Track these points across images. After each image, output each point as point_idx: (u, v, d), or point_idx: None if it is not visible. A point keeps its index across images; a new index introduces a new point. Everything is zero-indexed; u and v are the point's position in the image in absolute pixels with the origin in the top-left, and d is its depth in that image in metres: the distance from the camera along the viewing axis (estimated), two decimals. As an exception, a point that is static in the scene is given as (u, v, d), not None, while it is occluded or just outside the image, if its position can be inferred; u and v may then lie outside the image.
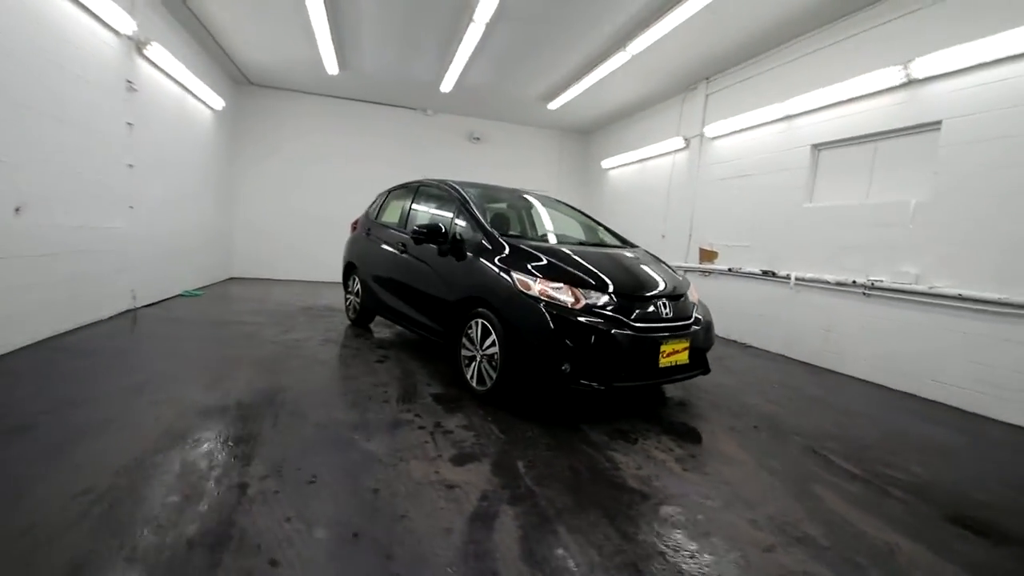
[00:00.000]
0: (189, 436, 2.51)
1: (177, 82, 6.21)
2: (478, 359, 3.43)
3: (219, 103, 7.61)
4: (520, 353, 3.10)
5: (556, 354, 2.97)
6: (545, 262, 3.28)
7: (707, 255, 7.15)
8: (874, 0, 4.83)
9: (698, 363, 3.44)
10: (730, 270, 6.58)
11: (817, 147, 5.58)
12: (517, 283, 3.18)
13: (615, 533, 1.97)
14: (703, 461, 2.73)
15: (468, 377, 3.53)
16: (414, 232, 4.06)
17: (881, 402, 4.16)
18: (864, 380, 4.75)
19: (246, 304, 6.50)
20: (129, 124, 5.05)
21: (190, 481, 2.08)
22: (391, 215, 5.27)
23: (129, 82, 4.98)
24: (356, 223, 5.94)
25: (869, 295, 4.84)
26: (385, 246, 4.91)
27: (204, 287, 7.64)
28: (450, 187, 4.36)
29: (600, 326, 2.99)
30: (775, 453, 2.92)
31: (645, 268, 3.69)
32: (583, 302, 3.06)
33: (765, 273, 6.04)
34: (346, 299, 5.88)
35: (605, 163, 10.05)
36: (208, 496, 1.98)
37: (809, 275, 5.46)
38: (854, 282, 4.95)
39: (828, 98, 5.29)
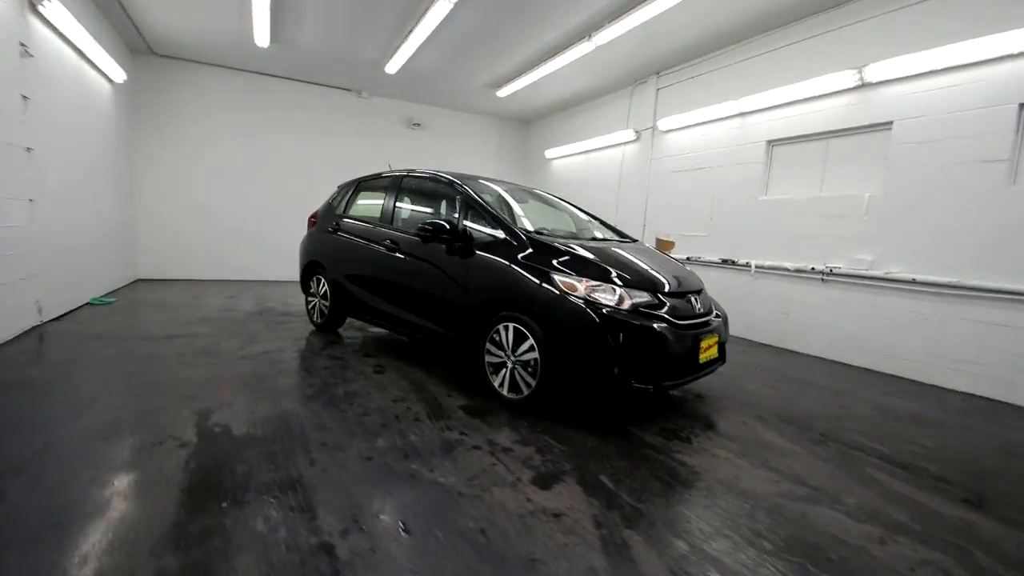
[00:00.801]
0: (220, 493, 2.04)
1: (75, 48, 5.10)
2: (509, 366, 3.21)
3: (119, 75, 6.40)
4: (567, 359, 2.93)
5: (609, 358, 2.85)
6: (584, 261, 3.13)
7: (664, 245, 7.39)
8: (828, 6, 5.20)
9: (722, 355, 3.51)
10: (688, 259, 6.86)
11: (772, 143, 5.95)
12: (561, 285, 3.00)
13: (754, 546, 1.90)
14: (764, 456, 2.77)
15: (496, 385, 3.30)
16: (420, 229, 3.69)
17: (852, 379, 4.56)
18: (827, 359, 5.20)
19: (178, 312, 5.58)
20: (24, 97, 4.03)
21: (264, 558, 1.67)
22: (366, 210, 4.78)
23: (23, 45, 3.96)
24: (315, 217, 5.33)
25: (827, 280, 5.29)
26: (364, 243, 4.44)
27: (113, 293, 6.46)
28: (450, 180, 4.01)
29: (650, 326, 2.91)
30: (812, 439, 3.05)
31: (667, 263, 3.68)
32: (628, 301, 2.96)
33: (724, 261, 6.38)
34: (308, 302, 5.27)
35: (549, 153, 10.03)
36: (297, 573, 1.60)
37: (769, 263, 5.85)
38: (812, 268, 5.38)
39: (783, 97, 5.64)
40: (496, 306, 3.30)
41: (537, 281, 3.09)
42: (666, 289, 3.17)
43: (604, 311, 2.87)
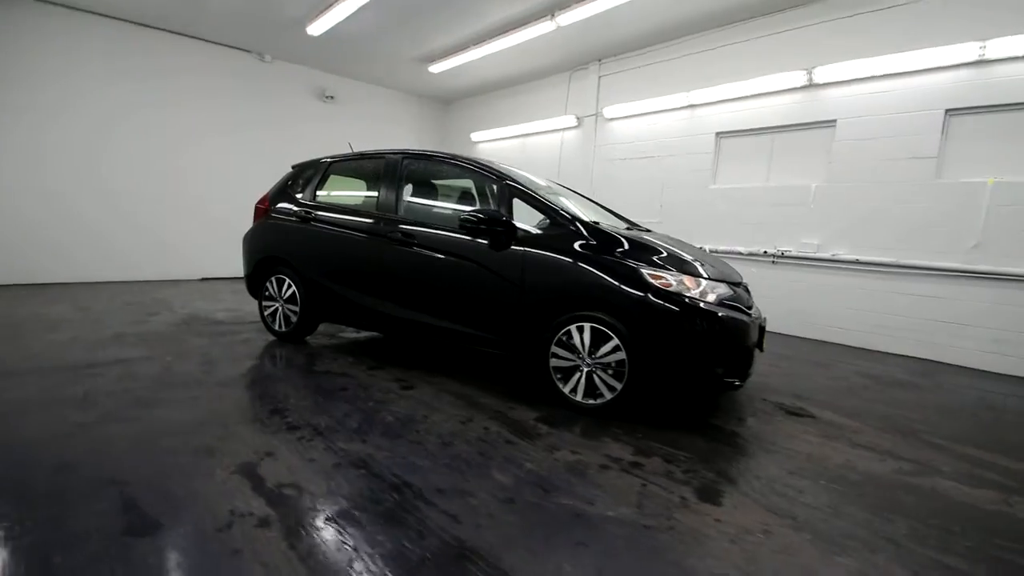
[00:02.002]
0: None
1: None
2: (585, 370, 2.94)
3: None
4: (661, 358, 2.76)
5: (708, 354, 2.74)
6: (666, 254, 2.96)
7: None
8: (780, 8, 5.63)
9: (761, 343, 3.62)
10: (639, 245, 7.09)
11: (720, 135, 6.35)
12: (651, 279, 2.79)
13: (937, 534, 1.95)
14: (844, 436, 2.90)
15: (567, 391, 3.01)
16: (466, 220, 3.18)
17: (812, 350, 5.09)
18: (782, 333, 5.75)
19: (76, 329, 4.21)
20: None
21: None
22: (349, 197, 4.05)
23: None
24: (264, 207, 4.38)
25: (777, 263, 5.84)
26: (355, 236, 3.75)
27: (-63, 309, 4.67)
28: (481, 166, 3.54)
29: (741, 318, 2.86)
30: (851, 414, 3.29)
31: (703, 252, 3.68)
32: (713, 294, 2.88)
33: (677, 247, 6.71)
34: (265, 307, 4.34)
35: (476, 136, 9.61)
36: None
37: (722, 247, 6.27)
38: (764, 252, 5.89)
39: (735, 92, 6.03)
40: (563, 305, 2.99)
41: (622, 276, 2.85)
42: (735, 279, 3.16)
43: (702, 305, 2.75)
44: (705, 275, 2.91)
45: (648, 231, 4.18)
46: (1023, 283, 4.34)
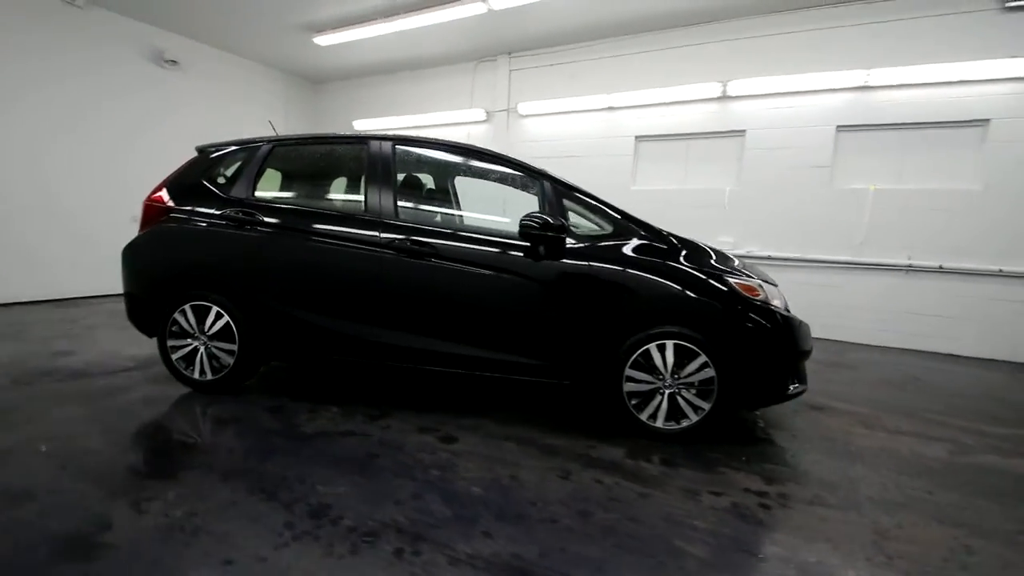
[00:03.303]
0: None
1: None
2: (667, 392, 2.63)
3: None
4: (751, 371, 2.59)
5: (791, 362, 2.66)
6: (737, 261, 2.79)
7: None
8: (692, 22, 5.99)
9: None
10: (561, 245, 7.00)
11: (639, 138, 6.57)
12: (739, 288, 2.60)
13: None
14: (889, 426, 3.11)
15: (645, 417, 2.66)
16: (526, 228, 2.58)
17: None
18: (708, 326, 6.19)
19: None
20: None
21: None
22: (313, 194, 3.10)
23: None
24: (160, 206, 3.08)
25: (697, 260, 6.27)
26: (337, 246, 2.84)
27: None
28: (507, 158, 2.95)
29: (806, 324, 2.85)
30: (870, 403, 3.59)
31: None
32: (781, 300, 2.82)
33: (601, 247, 6.79)
34: (173, 348, 3.04)
35: (361, 124, 8.49)
36: None
37: (647, 247, 6.51)
38: (686, 251, 6.28)
39: (654, 98, 6.28)
40: (638, 323, 2.63)
41: (707, 287, 2.61)
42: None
43: (784, 311, 2.66)
44: (772, 282, 2.84)
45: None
46: (899, 272, 5.32)
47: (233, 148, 3.20)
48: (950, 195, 5.10)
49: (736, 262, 2.85)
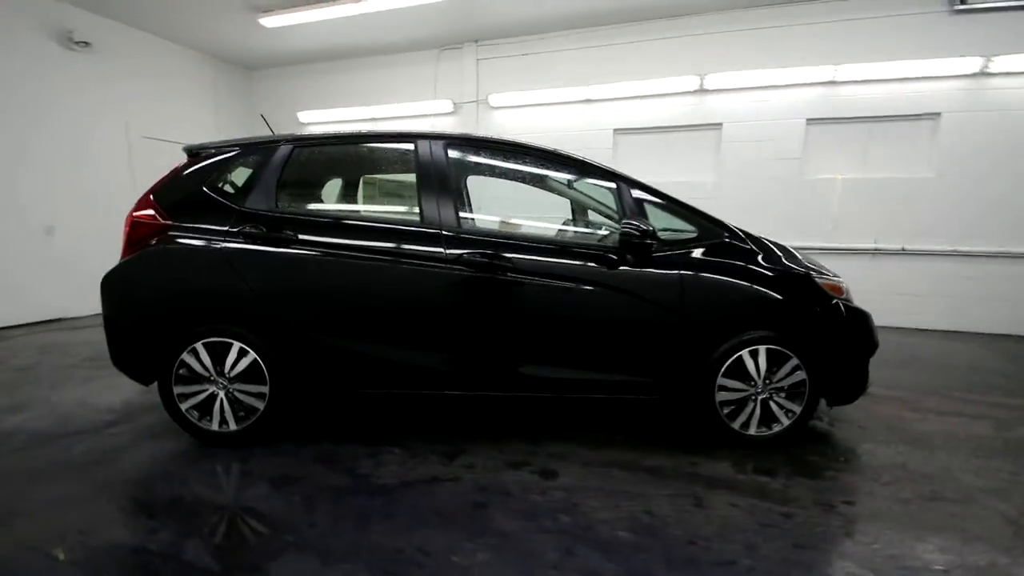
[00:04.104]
0: None
1: None
2: (760, 398, 2.56)
3: None
4: (837, 370, 2.58)
5: (867, 359, 2.69)
6: (805, 258, 2.76)
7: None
8: (668, 14, 6.00)
9: None
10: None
11: (617, 131, 6.53)
12: (826, 288, 2.57)
13: None
14: (925, 408, 3.27)
15: (737, 426, 2.58)
16: (626, 236, 2.36)
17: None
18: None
19: None
20: None
21: None
22: (350, 203, 2.63)
23: None
24: (153, 223, 2.50)
25: (679, 251, 6.38)
26: (394, 264, 2.45)
27: None
28: (579, 159, 2.75)
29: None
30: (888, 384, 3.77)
31: None
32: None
33: (582, 242, 6.71)
34: (181, 396, 2.48)
35: (307, 116, 7.72)
36: None
37: (629, 240, 6.52)
38: (669, 242, 6.37)
39: (632, 91, 6.25)
40: (729, 329, 2.53)
41: (796, 288, 2.57)
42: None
43: (862, 310, 2.68)
44: (836, 273, 2.85)
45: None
46: (867, 255, 5.73)
47: (237, 150, 2.66)
48: (909, 183, 5.55)
49: (801, 257, 2.84)
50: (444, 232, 2.48)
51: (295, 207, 2.64)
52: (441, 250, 2.45)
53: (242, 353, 2.47)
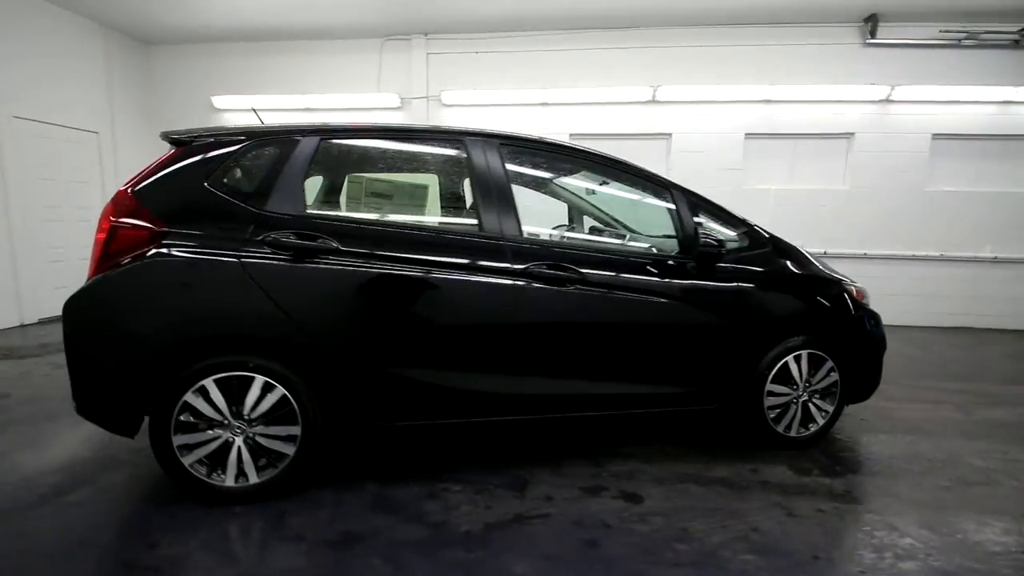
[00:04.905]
0: None
1: None
2: (800, 401, 2.67)
3: None
4: (862, 371, 2.78)
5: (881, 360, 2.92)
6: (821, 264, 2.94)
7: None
8: (623, 25, 6.16)
9: None
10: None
11: (573, 136, 6.57)
12: (855, 295, 2.75)
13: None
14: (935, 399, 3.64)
15: (781, 429, 2.67)
16: (706, 247, 2.29)
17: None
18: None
19: None
20: None
21: None
22: (388, 208, 2.30)
23: None
24: (136, 232, 1.95)
25: (633, 255, 6.61)
26: (454, 277, 2.17)
27: None
28: (622, 164, 2.70)
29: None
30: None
31: None
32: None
33: (539, 246, 6.67)
34: (186, 445, 1.97)
35: (222, 101, 6.78)
36: None
37: (586, 244, 6.61)
38: (623, 247, 6.57)
39: (588, 97, 6.35)
40: (777, 335, 2.61)
41: (832, 294, 2.73)
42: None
43: (877, 314, 2.90)
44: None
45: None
46: (797, 258, 6.36)
47: (245, 140, 2.17)
48: (828, 194, 6.27)
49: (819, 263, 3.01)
50: (507, 243, 2.25)
51: (325, 211, 2.23)
52: (506, 264, 2.22)
53: (267, 389, 2.02)
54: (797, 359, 2.62)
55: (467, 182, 2.37)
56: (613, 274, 2.37)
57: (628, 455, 2.59)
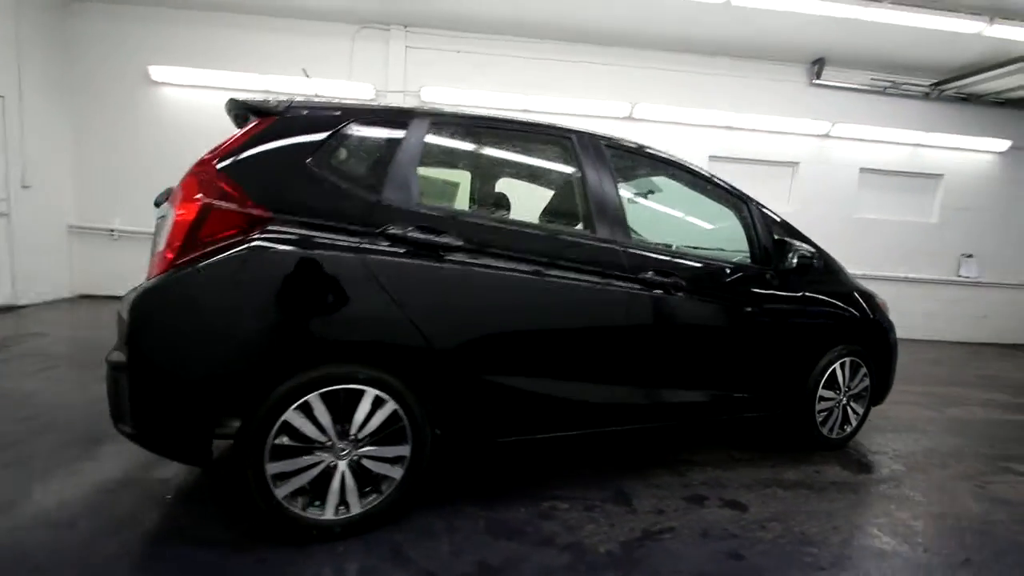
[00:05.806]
0: None
1: None
2: (841, 404, 2.89)
3: None
4: (884, 375, 3.06)
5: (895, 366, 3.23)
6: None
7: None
8: (604, 43, 6.34)
9: None
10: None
11: (550, 144, 6.61)
12: (881, 305, 3.03)
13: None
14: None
15: (826, 431, 2.86)
16: (804, 259, 2.41)
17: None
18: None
19: None
20: None
21: None
22: (497, 204, 2.22)
23: None
24: (234, 218, 1.62)
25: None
26: (575, 281, 2.05)
27: None
28: (704, 176, 2.76)
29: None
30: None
31: None
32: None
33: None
34: (281, 474, 1.65)
35: (160, 73, 5.94)
36: None
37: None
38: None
39: (569, 107, 6.43)
40: (829, 343, 2.80)
41: (871, 304, 2.99)
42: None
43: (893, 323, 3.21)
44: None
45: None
46: (750, 273, 6.92)
47: (347, 118, 1.87)
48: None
49: None
50: (620, 247, 2.18)
51: (441, 205, 2.00)
52: (624, 272, 2.14)
53: (377, 404, 1.76)
54: (842, 366, 2.83)
55: (577, 184, 2.27)
56: (712, 283, 2.40)
57: (703, 463, 2.62)
